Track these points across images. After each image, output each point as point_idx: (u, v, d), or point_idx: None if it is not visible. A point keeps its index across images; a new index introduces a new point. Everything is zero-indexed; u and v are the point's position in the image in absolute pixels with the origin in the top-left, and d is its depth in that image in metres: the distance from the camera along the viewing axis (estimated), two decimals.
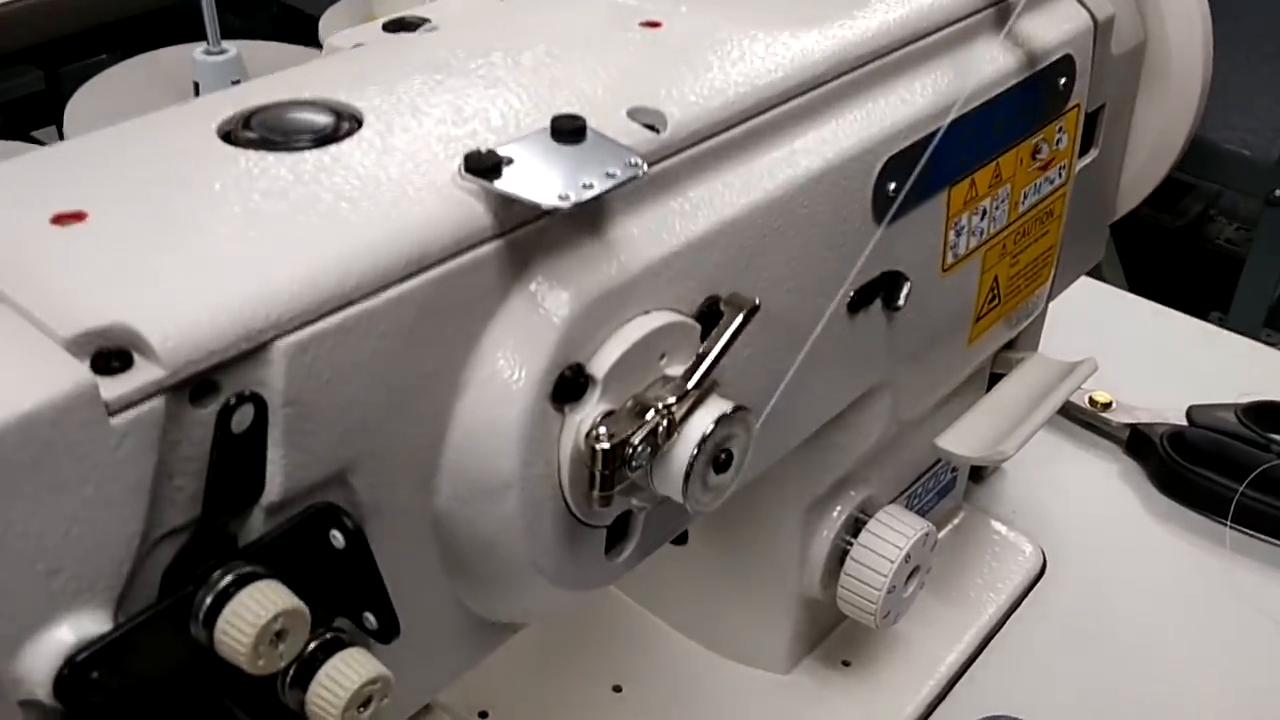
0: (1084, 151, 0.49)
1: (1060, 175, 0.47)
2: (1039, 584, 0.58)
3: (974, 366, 0.50)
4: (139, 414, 0.22)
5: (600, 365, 0.29)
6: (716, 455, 0.31)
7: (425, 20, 0.36)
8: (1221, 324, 2.44)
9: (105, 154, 0.28)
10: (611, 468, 0.29)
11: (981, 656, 0.54)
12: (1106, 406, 0.67)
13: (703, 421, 0.30)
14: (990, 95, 0.40)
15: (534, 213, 0.28)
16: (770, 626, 0.51)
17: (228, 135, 0.28)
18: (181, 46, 0.79)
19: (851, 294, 0.38)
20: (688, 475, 0.30)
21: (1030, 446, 0.66)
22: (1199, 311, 2.65)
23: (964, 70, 0.39)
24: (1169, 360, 0.72)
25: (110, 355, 0.22)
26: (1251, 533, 0.61)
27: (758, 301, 0.29)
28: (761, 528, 0.48)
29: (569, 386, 0.29)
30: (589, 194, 0.26)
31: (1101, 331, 0.73)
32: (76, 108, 0.74)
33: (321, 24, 0.83)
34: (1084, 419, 0.67)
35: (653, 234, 0.30)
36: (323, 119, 0.29)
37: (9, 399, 0.20)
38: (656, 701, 0.51)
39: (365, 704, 0.25)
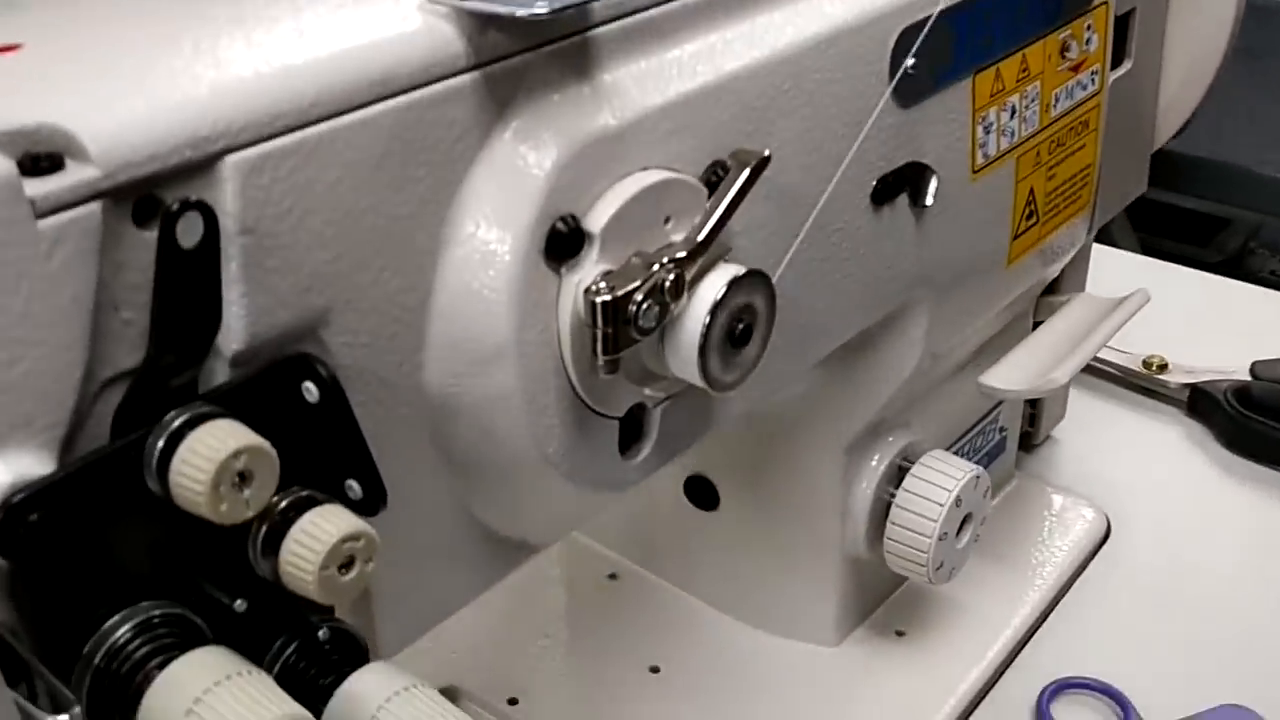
0: (1117, 63, 0.47)
1: (1093, 81, 0.44)
2: (1105, 547, 0.54)
3: (1013, 296, 0.46)
4: (71, 219, 0.20)
5: (597, 219, 0.27)
6: (733, 326, 0.28)
7: None
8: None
9: (45, 5, 0.26)
10: (614, 325, 0.26)
11: (1048, 621, 0.50)
12: (1163, 368, 0.63)
13: (714, 285, 0.28)
14: None
15: (514, 43, 0.25)
16: (815, 594, 0.47)
17: None
18: None
19: (875, 182, 0.35)
20: (703, 347, 0.28)
21: (1084, 414, 0.63)
22: None
23: None
24: (1222, 323, 0.68)
25: (39, 157, 0.20)
26: None
27: (767, 153, 0.26)
28: (798, 479, 0.45)
29: (563, 241, 0.26)
30: (568, 1, 0.24)
31: (1153, 301, 0.69)
32: None
33: None
34: (1139, 383, 0.63)
35: (648, 84, 0.28)
36: None
37: None
38: (697, 681, 0.47)
39: (347, 565, 0.22)
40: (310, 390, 0.23)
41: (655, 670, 0.48)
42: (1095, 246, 0.71)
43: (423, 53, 0.24)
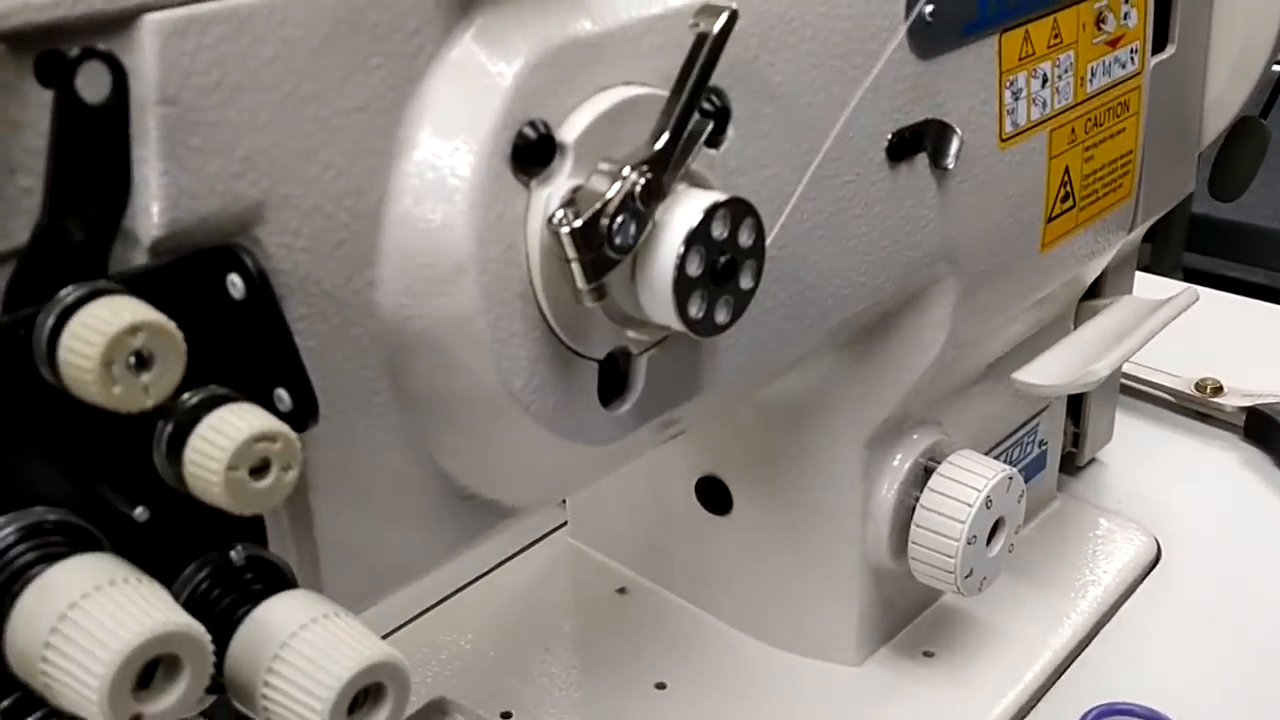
0: (1160, 47, 0.44)
1: (1133, 60, 0.42)
2: (1154, 572, 0.50)
3: (1048, 288, 0.43)
4: None
5: (571, 130, 0.25)
6: (714, 261, 0.26)
7: None
8: None
9: None
10: (589, 250, 0.24)
11: (1091, 646, 0.46)
12: (1218, 391, 0.59)
13: (690, 211, 0.25)
14: None
15: None
16: (835, 606, 0.44)
17: None
18: None
19: (891, 136, 0.33)
20: (678, 282, 0.25)
21: (1132, 437, 0.59)
22: None
23: None
24: (1274, 348, 0.64)
25: None
26: None
27: (728, 16, 0.24)
28: (815, 478, 0.42)
29: (531, 150, 0.24)
30: None
31: (1200, 325, 0.65)
32: None
33: None
34: (1193, 407, 0.60)
35: None
36: None
37: None
38: (705, 699, 0.44)
39: (261, 470, 0.19)
40: (235, 284, 0.21)
41: (661, 687, 0.45)
42: (1141, 275, 0.68)
43: None
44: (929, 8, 0.32)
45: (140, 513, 0.20)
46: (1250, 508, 0.54)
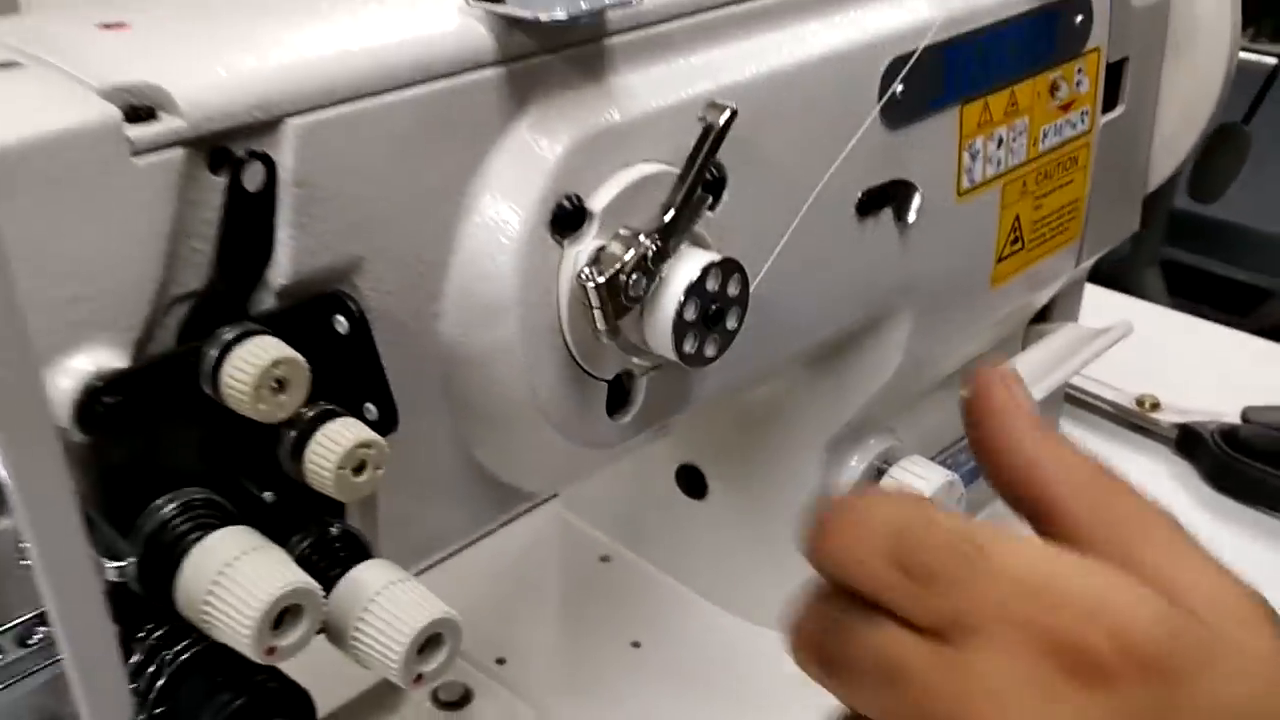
0: (1111, 106, 0.50)
1: (1083, 121, 0.48)
2: None
3: (998, 316, 0.50)
4: (160, 160, 0.24)
5: (599, 201, 0.31)
6: (707, 308, 0.32)
7: None
8: None
9: None
10: (609, 300, 0.30)
11: None
12: (1155, 407, 0.66)
13: (690, 267, 0.31)
14: (1001, 17, 0.42)
15: (536, 44, 0.30)
16: (795, 585, 0.51)
17: None
18: None
19: (860, 194, 0.39)
20: (677, 325, 0.31)
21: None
22: None
23: None
24: (1216, 370, 0.71)
25: (139, 110, 0.25)
26: None
27: (730, 111, 0.30)
28: (781, 473, 0.49)
29: (567, 217, 0.30)
30: (582, 11, 0.28)
31: (1147, 344, 0.72)
32: None
33: None
34: (1132, 420, 0.66)
35: (654, 88, 0.32)
36: None
37: (44, 120, 0.23)
38: (675, 658, 0.51)
39: (360, 468, 0.26)
40: (341, 323, 0.28)
41: (636, 645, 0.52)
42: (1098, 290, 0.74)
43: (457, 46, 0.29)
44: (899, 88, 0.39)
45: (269, 496, 0.27)
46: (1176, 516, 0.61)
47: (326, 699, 0.29)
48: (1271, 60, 1.87)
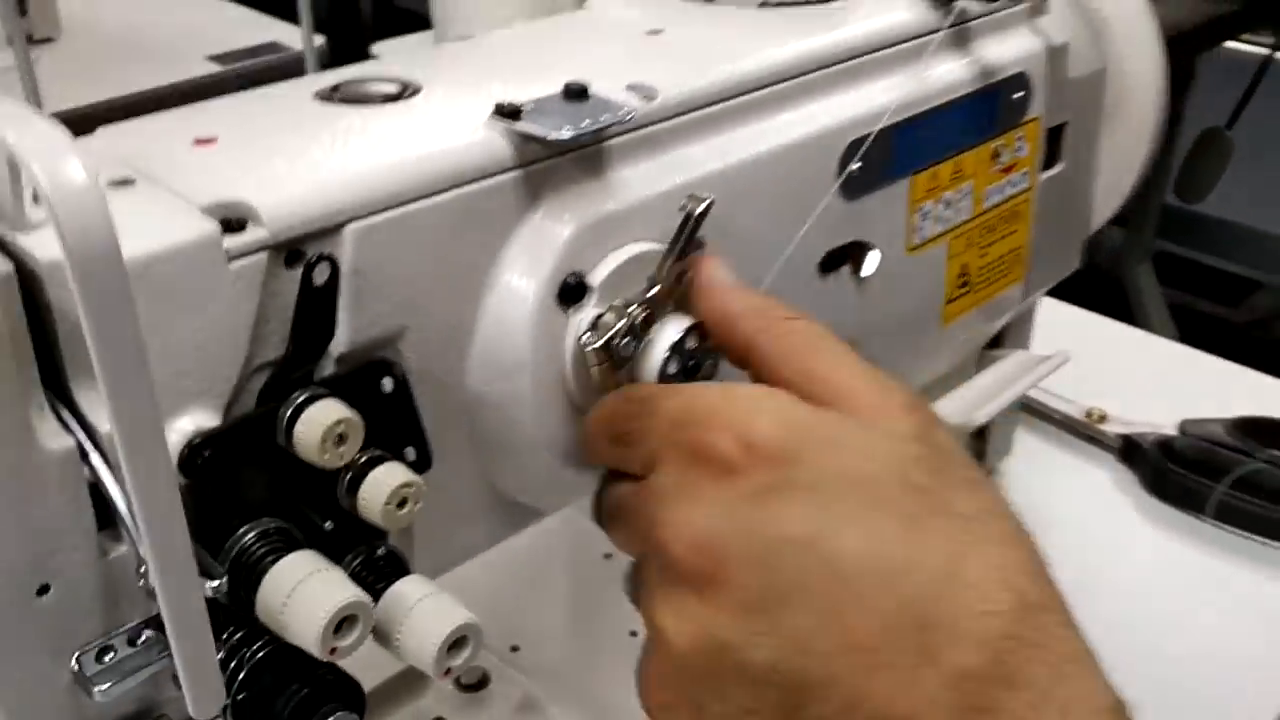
0: (1051, 163, 0.56)
1: (1024, 180, 0.54)
2: None
3: (953, 351, 0.56)
4: (249, 263, 0.31)
5: (598, 276, 0.37)
6: (686, 363, 0.39)
7: (470, 35, 0.45)
8: None
9: (232, 108, 0.37)
10: (605, 359, 0.37)
11: None
12: (1102, 419, 0.72)
13: (674, 329, 0.38)
14: (947, 99, 0.48)
15: (546, 152, 0.36)
16: None
17: (322, 97, 0.37)
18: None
19: (822, 256, 0.46)
20: (662, 377, 0.38)
21: (1030, 454, 0.72)
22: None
23: (922, 78, 0.47)
24: (1160, 383, 0.78)
25: (232, 221, 0.31)
26: (1235, 530, 0.66)
27: (709, 202, 0.36)
28: None
29: (571, 291, 0.37)
30: (584, 130, 0.35)
31: (1099, 359, 0.79)
32: None
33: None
34: (1081, 430, 0.73)
35: (644, 180, 0.39)
36: (389, 87, 0.38)
37: (166, 237, 0.29)
38: None
39: (402, 504, 0.33)
40: (387, 384, 0.34)
41: (634, 634, 0.58)
42: (1059, 306, 0.81)
43: (482, 156, 0.35)
44: (856, 167, 0.45)
45: (328, 525, 0.33)
46: (1115, 520, 0.67)
47: (365, 681, 0.36)
48: (1264, 50, 1.93)
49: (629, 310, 0.37)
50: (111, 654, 0.32)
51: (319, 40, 1.14)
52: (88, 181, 0.24)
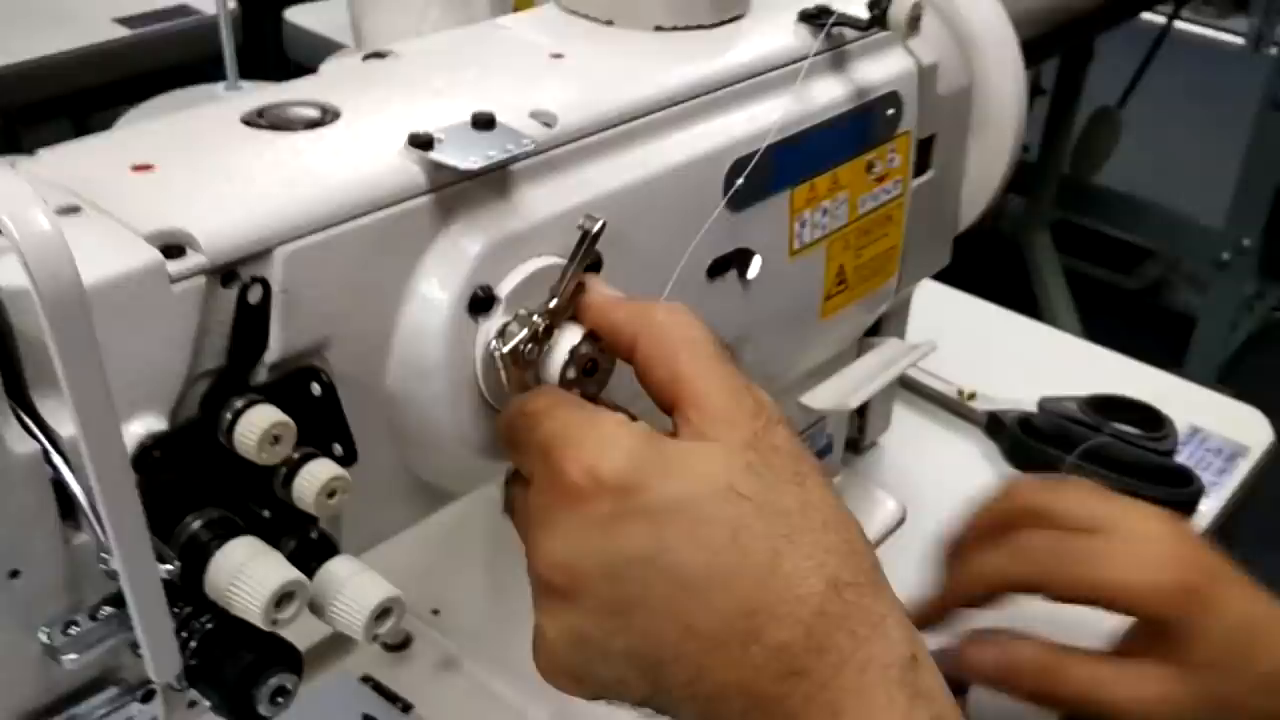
0: (922, 171, 0.62)
1: (897, 188, 0.60)
2: (898, 531, 0.70)
3: (834, 340, 0.62)
4: (189, 286, 0.35)
5: (504, 288, 0.42)
6: (584, 365, 0.43)
7: (393, 53, 0.49)
8: None
9: (165, 133, 0.40)
10: (512, 364, 0.41)
11: None
12: (972, 397, 0.79)
13: (572, 336, 0.43)
14: (824, 119, 0.53)
15: (455, 176, 0.40)
16: None
17: (248, 122, 0.41)
18: (207, 86, 0.92)
19: (710, 262, 0.51)
20: (563, 378, 0.43)
21: (906, 427, 0.79)
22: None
23: (802, 99, 0.53)
24: (1027, 360, 0.85)
25: (173, 248, 0.35)
26: None
27: (602, 223, 0.41)
28: None
29: (480, 303, 0.41)
30: (491, 160, 0.39)
31: (972, 339, 0.86)
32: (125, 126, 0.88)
33: (323, 69, 0.96)
34: (953, 407, 0.80)
35: (546, 201, 0.43)
36: (311, 112, 0.42)
37: (112, 266, 0.33)
38: None
39: (332, 494, 0.37)
40: (315, 389, 0.38)
41: None
42: (943, 290, 0.87)
43: (398, 183, 0.39)
44: (739, 181, 0.50)
45: (266, 514, 0.37)
46: (980, 486, 0.74)
47: (298, 642, 0.40)
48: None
49: (532, 319, 0.42)
50: (75, 627, 0.36)
51: (231, 3, 1.15)
52: (53, 231, 0.28)
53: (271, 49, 1.33)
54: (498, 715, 0.57)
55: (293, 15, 1.30)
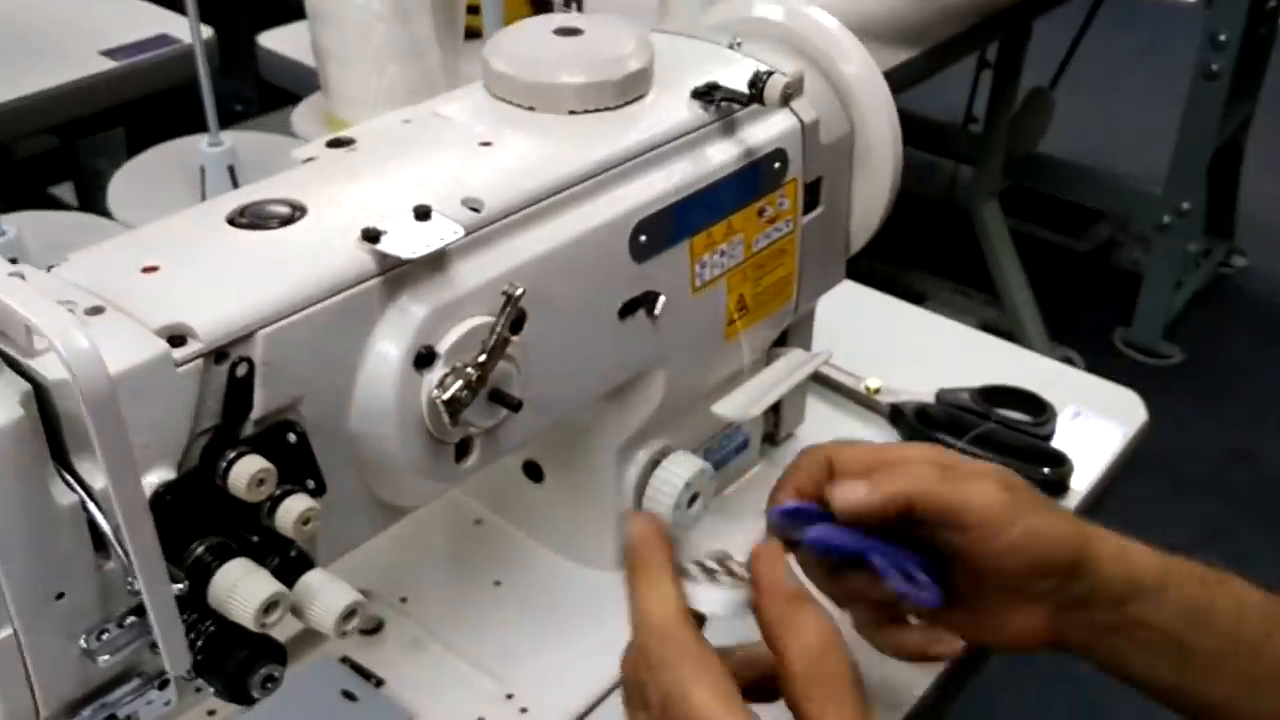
0: (811, 208, 0.72)
1: (788, 226, 0.70)
2: None
3: (740, 356, 0.72)
4: (190, 367, 0.44)
5: (443, 345, 0.52)
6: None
7: (353, 140, 0.58)
8: (1125, 340, 2.70)
9: (165, 233, 0.50)
10: (450, 408, 0.51)
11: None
12: (877, 391, 0.90)
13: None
14: (718, 178, 0.63)
15: (400, 261, 0.50)
16: (602, 537, 0.73)
17: (231, 221, 0.51)
18: (191, 138, 1.01)
19: (620, 305, 0.60)
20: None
21: (819, 419, 0.89)
22: (1105, 329, 2.94)
23: (697, 163, 0.62)
24: (927, 353, 0.95)
25: (177, 338, 0.44)
26: None
27: (521, 290, 0.51)
28: (590, 464, 0.70)
29: (423, 359, 0.51)
30: (428, 250, 0.49)
31: (881, 335, 0.97)
32: (118, 187, 0.97)
33: (293, 117, 1.05)
34: (860, 399, 0.90)
35: (477, 271, 0.53)
36: (283, 210, 0.51)
37: (132, 358, 0.43)
38: (526, 591, 0.73)
39: (307, 521, 0.47)
40: (291, 437, 0.48)
41: (498, 583, 0.74)
42: (856, 288, 0.98)
43: (353, 270, 0.49)
44: (643, 238, 0.60)
45: (255, 540, 0.47)
46: None
47: (285, 631, 0.50)
48: None
49: (467, 370, 0.52)
50: (107, 634, 0.46)
51: (207, 32, 1.23)
52: (89, 346, 0.38)
53: (249, 73, 1.41)
54: (456, 687, 0.67)
55: (265, 40, 1.38)
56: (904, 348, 0.96)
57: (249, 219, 0.51)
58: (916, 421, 0.86)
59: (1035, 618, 0.53)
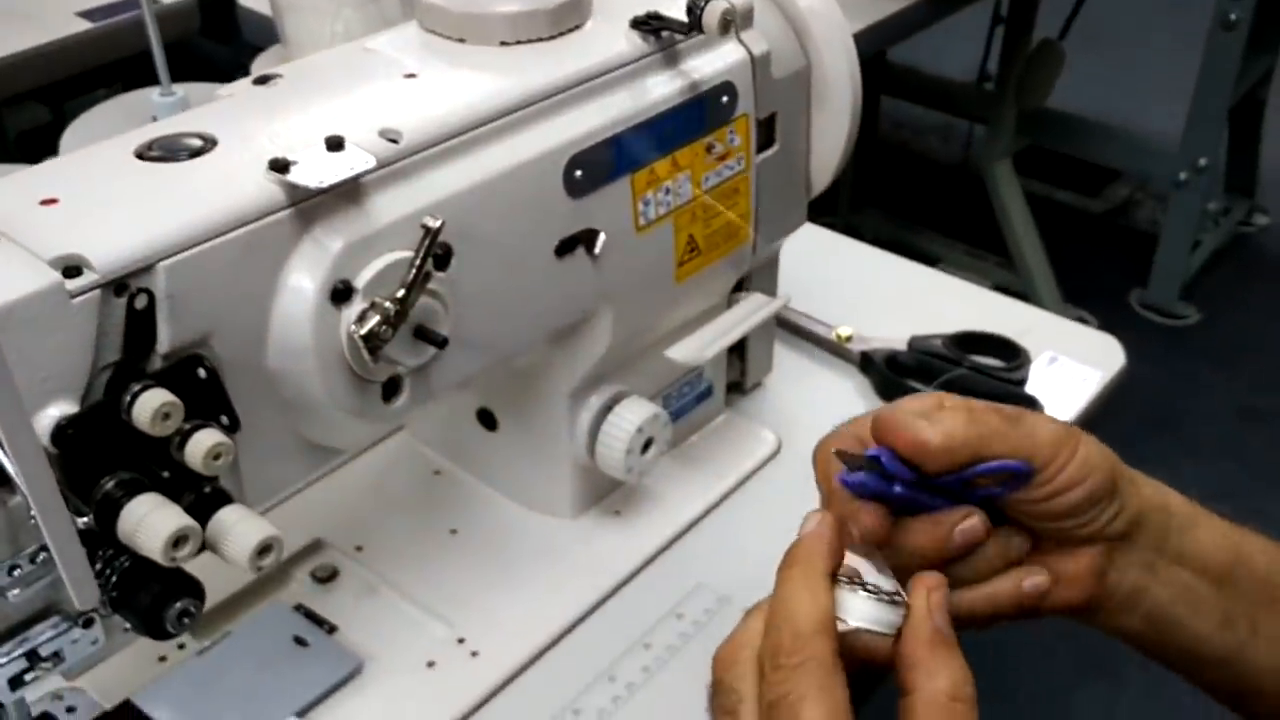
0: (767, 146, 0.70)
1: (740, 164, 0.68)
2: (773, 461, 0.79)
3: (694, 300, 0.71)
4: (87, 298, 0.44)
5: (361, 280, 0.51)
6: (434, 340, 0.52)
7: (279, 76, 0.57)
8: (1141, 301, 2.65)
9: (69, 166, 0.49)
10: (370, 343, 0.50)
11: (722, 507, 0.75)
12: (849, 339, 0.88)
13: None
14: (660, 111, 0.62)
15: (310, 191, 0.49)
16: (559, 485, 0.72)
17: (140, 155, 0.50)
18: (145, 90, 1.01)
19: (556, 243, 0.59)
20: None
21: (789, 368, 0.88)
22: (1121, 290, 2.88)
23: (637, 96, 0.61)
24: (899, 300, 0.94)
25: (72, 269, 0.44)
26: None
27: (440, 223, 0.50)
28: (543, 412, 0.70)
29: (340, 294, 0.50)
30: (337, 180, 0.48)
31: (848, 281, 0.95)
32: (69, 138, 0.97)
33: (252, 68, 1.03)
34: (832, 347, 0.88)
35: (395, 204, 0.52)
36: (195, 143, 0.50)
37: (24, 287, 0.42)
38: (481, 539, 0.73)
39: (218, 456, 0.46)
40: (201, 372, 0.48)
41: (454, 532, 0.73)
42: (833, 236, 0.96)
43: (264, 200, 0.48)
44: (578, 173, 0.58)
45: (166, 474, 0.47)
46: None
47: (238, 580, 0.49)
48: None
49: (385, 305, 0.51)
50: (18, 570, 0.45)
51: None
52: None
53: (234, 34, 1.41)
54: (408, 632, 0.67)
55: (246, 0, 1.38)
56: (880, 296, 0.94)
57: (158, 152, 0.50)
58: (886, 369, 0.85)
59: (1083, 562, 0.50)
